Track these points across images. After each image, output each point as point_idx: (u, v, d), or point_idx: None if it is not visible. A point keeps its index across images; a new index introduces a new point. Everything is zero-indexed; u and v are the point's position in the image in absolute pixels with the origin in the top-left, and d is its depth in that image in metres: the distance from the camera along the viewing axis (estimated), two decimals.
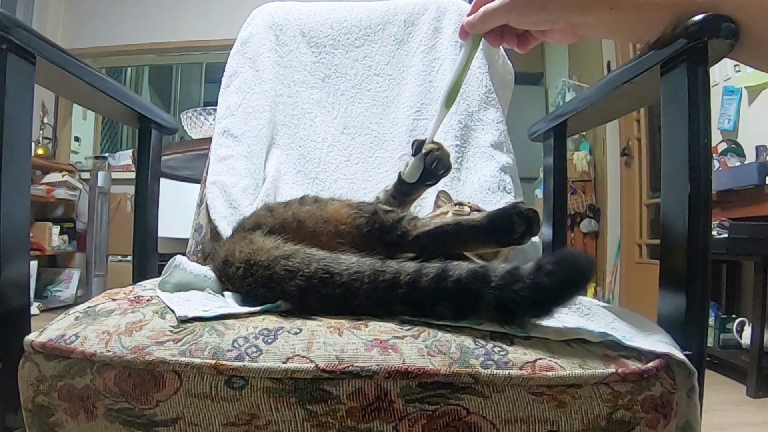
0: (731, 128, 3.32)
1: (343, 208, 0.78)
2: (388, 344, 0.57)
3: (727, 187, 2.94)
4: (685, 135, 0.69)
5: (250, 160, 1.33)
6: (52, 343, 0.60)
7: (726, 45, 0.68)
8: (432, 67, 1.43)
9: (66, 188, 5.21)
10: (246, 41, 1.48)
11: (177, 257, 0.79)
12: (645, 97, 1.02)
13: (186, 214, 1.55)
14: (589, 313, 0.70)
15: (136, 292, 0.75)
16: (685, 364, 0.58)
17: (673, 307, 0.69)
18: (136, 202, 1.17)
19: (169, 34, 5.76)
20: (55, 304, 4.88)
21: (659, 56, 0.73)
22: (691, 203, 0.68)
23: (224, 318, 0.62)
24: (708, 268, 0.68)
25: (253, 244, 0.73)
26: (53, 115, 5.71)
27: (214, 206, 1.25)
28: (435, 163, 0.98)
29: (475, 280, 0.60)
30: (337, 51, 1.49)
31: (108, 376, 0.57)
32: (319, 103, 1.46)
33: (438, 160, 0.98)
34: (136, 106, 1.09)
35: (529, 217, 0.71)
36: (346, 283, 0.63)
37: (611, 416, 0.54)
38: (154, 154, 1.19)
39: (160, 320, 0.62)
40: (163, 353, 0.56)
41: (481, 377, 0.54)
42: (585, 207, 5.10)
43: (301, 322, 0.61)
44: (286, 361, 0.55)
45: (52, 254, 5.14)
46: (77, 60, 0.88)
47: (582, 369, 0.55)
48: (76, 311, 0.68)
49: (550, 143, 1.23)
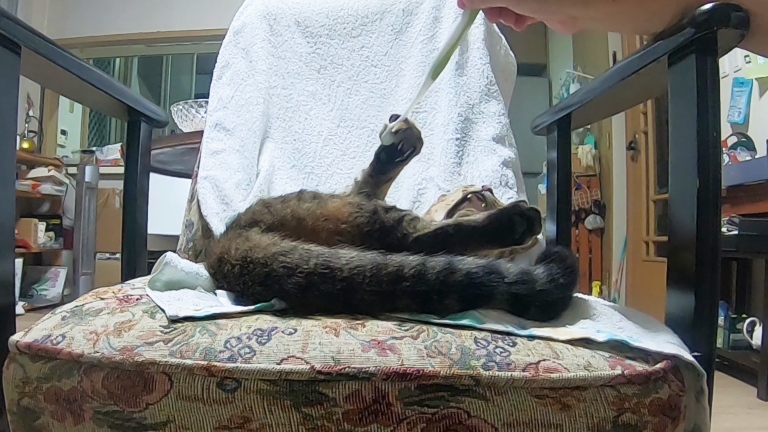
0: (741, 121, 3.32)
1: (344, 206, 0.79)
2: (386, 345, 0.57)
3: (737, 182, 2.94)
4: (694, 128, 0.69)
5: (243, 155, 1.33)
6: (38, 343, 0.60)
7: (736, 34, 0.68)
8: (431, 58, 1.43)
9: (52, 183, 5.21)
10: (239, 31, 1.48)
11: (167, 254, 0.79)
12: (652, 89, 1.02)
13: (176, 210, 1.55)
14: (594, 313, 0.70)
15: (124, 290, 0.75)
16: (694, 365, 0.58)
17: (682, 307, 0.69)
18: (125, 197, 1.17)
19: (159, 23, 5.75)
20: (40, 304, 4.88)
21: (667, 46, 0.73)
22: (699, 199, 0.68)
23: (216, 318, 0.62)
24: (717, 266, 0.68)
25: (249, 241, 0.73)
26: (39, 107, 5.69)
27: (206, 202, 1.25)
28: (402, 143, 1.01)
29: (490, 273, 0.63)
30: (333, 41, 1.49)
31: (96, 377, 0.56)
32: (315, 95, 1.46)
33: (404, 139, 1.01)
34: (125, 99, 1.09)
35: (530, 217, 0.72)
36: (348, 278, 0.63)
37: (617, 420, 0.54)
38: (144, 148, 1.18)
39: (149, 320, 0.62)
40: (153, 354, 0.56)
41: (482, 379, 0.54)
42: (590, 203, 5.10)
43: (296, 321, 0.61)
44: (280, 363, 0.55)
45: (37, 252, 5.14)
46: (64, 50, 0.88)
47: (587, 371, 0.55)
48: (63, 311, 0.68)
49: (553, 137, 1.23)
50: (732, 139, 3.30)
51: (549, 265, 0.66)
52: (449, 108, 1.36)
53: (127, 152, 1.18)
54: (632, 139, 4.85)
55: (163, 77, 6.90)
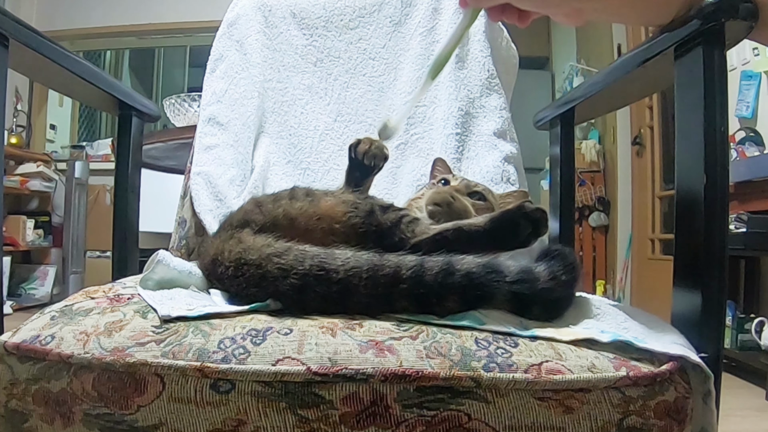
0: (750, 115, 3.32)
1: (338, 204, 0.79)
2: (384, 345, 0.57)
3: (745, 179, 2.93)
4: (701, 123, 0.69)
5: (237, 150, 1.33)
6: (27, 344, 0.60)
7: (744, 26, 0.68)
8: (431, 50, 1.43)
9: (41, 179, 5.20)
10: (233, 23, 1.48)
11: (159, 252, 0.79)
12: (658, 83, 1.02)
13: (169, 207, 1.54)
14: (598, 313, 0.70)
15: (115, 289, 0.74)
16: (701, 367, 0.58)
17: (688, 307, 0.69)
18: (116, 194, 1.17)
19: (150, 15, 5.73)
20: (29, 303, 4.86)
21: (673, 39, 0.73)
22: (707, 195, 0.68)
23: (210, 317, 0.62)
24: (725, 264, 0.68)
25: (242, 242, 0.73)
26: (27, 101, 5.67)
27: (199, 199, 1.25)
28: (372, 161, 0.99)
29: (490, 273, 0.63)
30: (329, 33, 1.49)
31: (86, 379, 0.56)
32: (311, 89, 1.45)
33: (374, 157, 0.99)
34: (116, 92, 1.09)
35: (535, 218, 0.71)
36: (344, 280, 0.63)
37: (622, 423, 0.54)
38: (135, 143, 1.18)
39: (141, 320, 0.62)
40: (145, 355, 0.56)
41: (483, 381, 0.54)
42: (594, 199, 5.10)
43: (291, 321, 0.61)
44: (275, 364, 0.55)
45: (26, 250, 5.13)
46: (53, 43, 0.87)
47: (591, 372, 0.55)
48: (52, 310, 0.67)
49: (556, 131, 1.23)
50: (740, 133, 3.30)
51: (550, 262, 0.66)
52: (449, 102, 1.36)
53: (118, 147, 1.18)
54: (637, 134, 4.84)
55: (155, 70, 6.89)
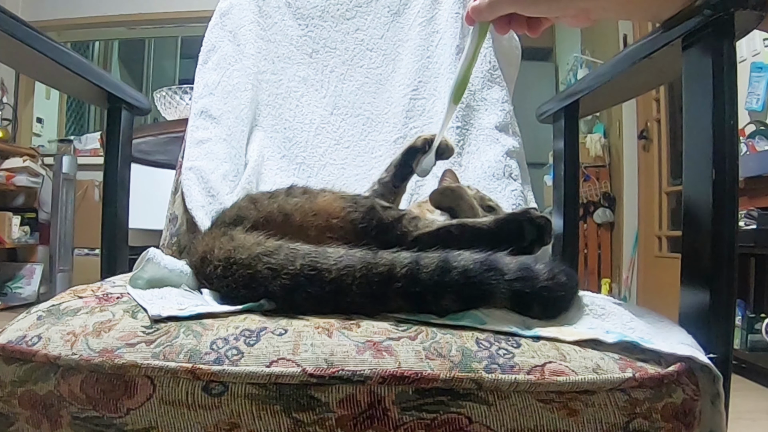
0: (760, 108, 3.32)
1: (335, 200, 0.78)
2: (382, 346, 0.57)
3: (755, 174, 2.94)
4: (709, 116, 0.69)
5: (231, 144, 1.33)
6: (12, 345, 0.60)
7: (754, 16, 0.68)
8: (430, 41, 1.43)
9: (27, 174, 5.18)
10: (226, 12, 1.47)
11: (150, 250, 0.78)
12: (665, 74, 1.02)
13: (159, 203, 1.54)
14: (603, 313, 0.70)
15: (104, 288, 0.74)
16: (709, 368, 0.58)
17: (696, 306, 0.69)
18: (105, 189, 1.17)
19: (140, 4, 5.72)
20: (15, 302, 4.87)
21: (681, 29, 0.73)
22: (715, 191, 0.68)
23: (202, 318, 0.62)
24: (734, 262, 0.68)
25: (233, 240, 0.73)
26: (13, 94, 5.67)
27: (191, 194, 1.25)
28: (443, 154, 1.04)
29: (488, 270, 0.62)
30: (325, 23, 1.48)
31: (74, 381, 0.56)
32: (306, 81, 1.45)
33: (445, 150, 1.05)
34: (105, 84, 1.09)
35: (540, 225, 0.72)
36: (336, 279, 0.63)
37: (628, 426, 0.54)
38: (125, 137, 1.18)
39: (131, 320, 0.62)
40: (135, 356, 0.56)
41: (484, 383, 0.54)
42: (599, 195, 5.11)
43: (286, 321, 0.61)
44: (269, 365, 0.55)
45: (12, 247, 5.12)
46: (39, 33, 0.87)
47: (596, 374, 0.55)
48: (39, 310, 0.67)
49: (560, 125, 1.23)
50: (750, 127, 3.30)
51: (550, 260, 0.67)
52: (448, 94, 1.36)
53: (107, 141, 1.18)
54: (644, 128, 4.85)
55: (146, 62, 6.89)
